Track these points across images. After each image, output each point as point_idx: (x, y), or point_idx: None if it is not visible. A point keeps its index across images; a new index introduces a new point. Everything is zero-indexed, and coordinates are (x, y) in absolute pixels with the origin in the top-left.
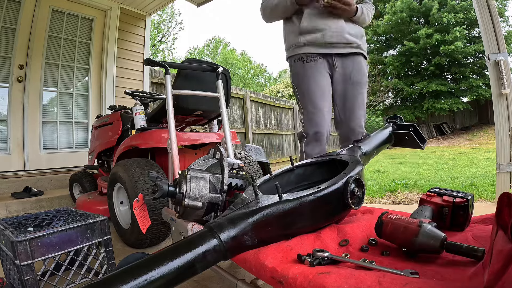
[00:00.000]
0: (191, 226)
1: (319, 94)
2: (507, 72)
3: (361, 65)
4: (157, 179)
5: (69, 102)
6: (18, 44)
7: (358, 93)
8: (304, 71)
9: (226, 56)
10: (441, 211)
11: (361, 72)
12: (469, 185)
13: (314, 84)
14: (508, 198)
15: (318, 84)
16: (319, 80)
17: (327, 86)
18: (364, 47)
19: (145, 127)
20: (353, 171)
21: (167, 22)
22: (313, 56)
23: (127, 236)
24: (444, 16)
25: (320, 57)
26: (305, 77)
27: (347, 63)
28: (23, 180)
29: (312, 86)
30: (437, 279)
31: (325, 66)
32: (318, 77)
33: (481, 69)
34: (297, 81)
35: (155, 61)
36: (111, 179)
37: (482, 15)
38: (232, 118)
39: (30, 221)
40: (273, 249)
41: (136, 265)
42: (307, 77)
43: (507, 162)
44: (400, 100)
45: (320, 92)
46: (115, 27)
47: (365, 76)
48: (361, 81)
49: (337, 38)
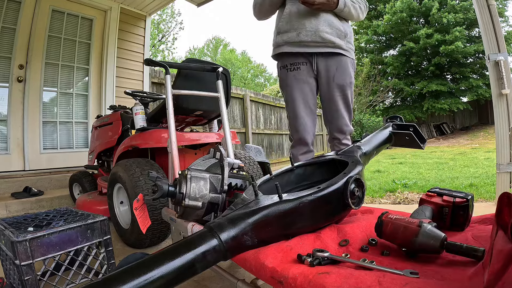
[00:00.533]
0: (191, 226)
1: (301, 103)
2: (507, 72)
3: (345, 66)
4: (157, 179)
5: (69, 102)
6: (18, 44)
7: (342, 94)
8: (287, 79)
9: (226, 56)
10: (441, 211)
11: (345, 73)
12: (469, 185)
13: (296, 93)
14: (508, 198)
15: (300, 93)
16: (301, 89)
17: (309, 93)
18: (347, 46)
19: (145, 127)
20: (353, 171)
21: (167, 22)
22: (296, 64)
23: (127, 236)
24: (444, 16)
25: (304, 63)
26: (288, 86)
27: (330, 64)
28: (23, 180)
29: (294, 95)
30: (437, 279)
31: (309, 71)
32: (301, 86)
33: (481, 69)
34: (282, 88)
35: (155, 61)
36: (111, 179)
37: (482, 15)
38: (232, 118)
39: (30, 221)
40: (273, 249)
41: (136, 265)
42: (290, 87)
43: (507, 162)
44: (400, 100)
45: (301, 100)
46: (115, 27)
47: (349, 77)
48: (344, 82)
49: (312, 37)
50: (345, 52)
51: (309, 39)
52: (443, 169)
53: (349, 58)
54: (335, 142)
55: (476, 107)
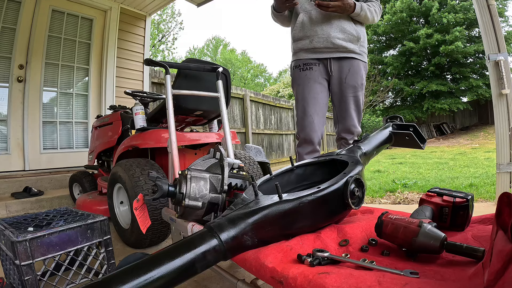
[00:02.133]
0: (191, 226)
1: (311, 102)
2: (507, 72)
3: (357, 68)
4: (157, 179)
5: (69, 102)
6: (18, 44)
7: (353, 95)
8: (300, 78)
9: (226, 56)
10: (441, 211)
11: (357, 75)
12: (469, 185)
13: (307, 91)
14: (508, 198)
15: (311, 92)
16: (312, 88)
17: (320, 93)
18: (360, 50)
19: (145, 127)
20: (353, 171)
21: (167, 22)
22: (310, 64)
23: (127, 236)
24: (444, 16)
25: (317, 64)
26: (299, 84)
27: (343, 66)
28: (23, 180)
29: (305, 94)
30: (437, 279)
31: (322, 72)
32: (312, 85)
33: (481, 69)
34: (294, 87)
35: (155, 61)
36: (111, 179)
37: (482, 15)
38: (232, 118)
39: (30, 221)
40: (273, 249)
41: (136, 265)
42: (301, 85)
43: (507, 162)
44: (400, 100)
45: (312, 99)
46: (115, 27)
47: (361, 78)
48: (356, 84)
49: (324, 44)
50: (357, 56)
51: (322, 45)
52: (443, 169)
53: (361, 61)
54: (342, 142)
55: (476, 107)
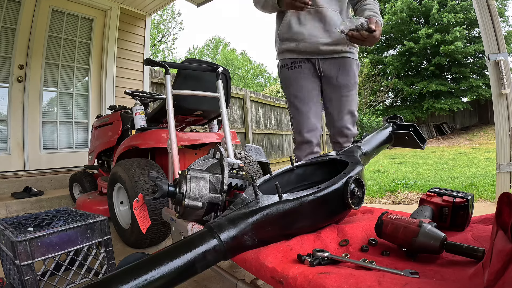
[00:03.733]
0: (191, 226)
1: (304, 99)
2: (507, 72)
3: (348, 67)
4: (157, 179)
5: (69, 102)
6: (18, 44)
7: (345, 95)
8: (289, 78)
9: (226, 56)
10: (441, 211)
11: (348, 74)
12: (469, 185)
13: (298, 89)
14: (508, 198)
15: (302, 89)
16: (304, 85)
17: (313, 90)
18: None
19: (145, 127)
20: (353, 171)
21: (167, 22)
22: (297, 62)
23: (127, 236)
24: (444, 16)
25: (305, 61)
26: (289, 84)
27: (333, 65)
28: (23, 180)
29: (296, 92)
30: (437, 279)
31: (311, 70)
32: (303, 82)
33: (481, 69)
34: (283, 88)
35: (155, 61)
36: (111, 179)
37: (482, 15)
38: (232, 118)
39: (30, 221)
40: (273, 249)
41: (136, 265)
42: (291, 84)
43: (507, 162)
44: (400, 100)
45: (304, 97)
46: (115, 27)
47: (353, 77)
48: (348, 83)
49: (311, 48)
50: (347, 54)
51: (308, 50)
52: (443, 169)
53: (352, 59)
54: (336, 146)
55: (476, 107)
